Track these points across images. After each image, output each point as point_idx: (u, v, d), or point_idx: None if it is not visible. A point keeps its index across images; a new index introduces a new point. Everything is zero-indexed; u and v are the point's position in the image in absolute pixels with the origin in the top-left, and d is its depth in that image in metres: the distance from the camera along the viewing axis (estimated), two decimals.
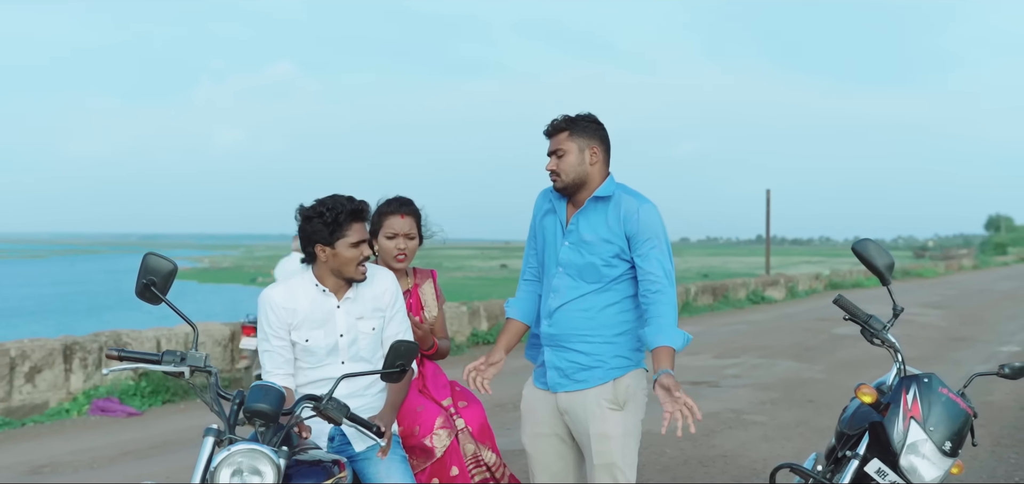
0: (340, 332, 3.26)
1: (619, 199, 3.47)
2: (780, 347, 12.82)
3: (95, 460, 6.63)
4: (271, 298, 3.26)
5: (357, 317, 3.29)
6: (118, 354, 2.85)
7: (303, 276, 3.30)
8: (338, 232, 3.17)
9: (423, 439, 3.60)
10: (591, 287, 3.46)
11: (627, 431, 3.48)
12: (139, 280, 2.90)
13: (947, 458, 3.25)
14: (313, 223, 3.18)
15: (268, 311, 3.25)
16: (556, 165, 3.47)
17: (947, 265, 43.58)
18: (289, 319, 3.24)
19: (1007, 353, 12.33)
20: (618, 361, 3.48)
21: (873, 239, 3.53)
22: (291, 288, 3.28)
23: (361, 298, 3.31)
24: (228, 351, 9.65)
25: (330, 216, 3.15)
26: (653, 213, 3.47)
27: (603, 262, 3.44)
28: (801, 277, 26.60)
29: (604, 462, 3.45)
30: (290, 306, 3.24)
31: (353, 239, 3.19)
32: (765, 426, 7.56)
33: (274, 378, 3.22)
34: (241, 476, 2.54)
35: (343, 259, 3.20)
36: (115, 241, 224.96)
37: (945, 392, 3.31)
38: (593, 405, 3.45)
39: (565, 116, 3.50)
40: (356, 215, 3.20)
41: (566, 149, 3.45)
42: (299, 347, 3.26)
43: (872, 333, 3.51)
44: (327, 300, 3.27)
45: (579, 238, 3.48)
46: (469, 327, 13.14)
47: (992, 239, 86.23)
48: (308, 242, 3.22)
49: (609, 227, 3.44)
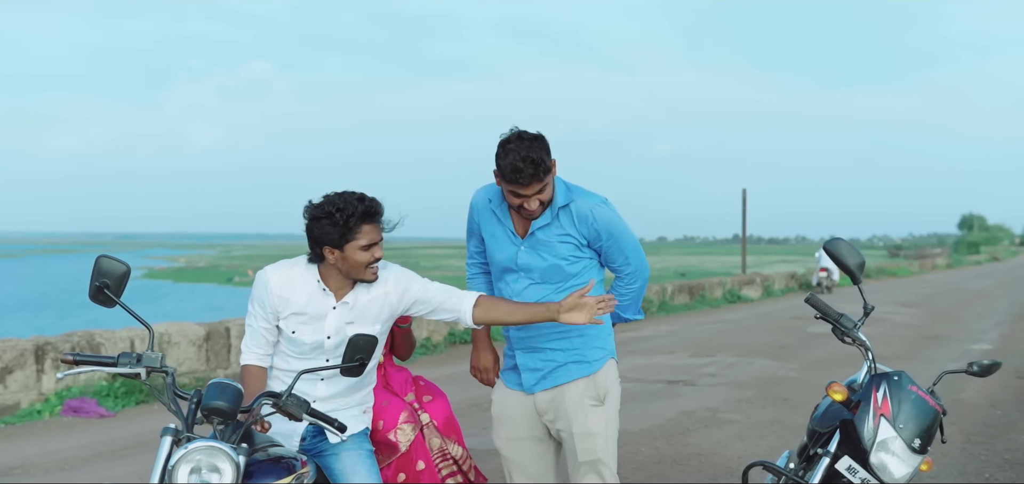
0: (328, 334, 3.18)
1: (573, 204, 3.45)
2: (756, 346, 12.88)
3: (66, 461, 6.56)
4: (268, 280, 3.14)
5: (347, 322, 3.17)
6: (72, 358, 2.81)
7: (306, 269, 3.17)
8: (348, 235, 3.02)
9: (387, 434, 3.60)
10: (555, 286, 3.46)
11: (608, 425, 3.50)
12: (92, 283, 2.84)
13: (917, 455, 3.27)
14: (321, 224, 3.03)
15: (262, 292, 3.15)
16: (540, 202, 3.35)
17: (921, 264, 44.01)
18: (281, 307, 3.14)
19: (979, 351, 12.46)
20: (595, 352, 3.49)
21: (844, 238, 3.56)
22: (291, 277, 3.15)
23: (358, 305, 3.18)
24: (203, 351, 9.59)
25: (341, 218, 2.99)
26: (605, 210, 3.47)
27: (565, 261, 3.45)
28: (777, 276, 26.76)
29: (589, 460, 3.46)
30: (285, 295, 3.14)
31: (364, 241, 3.04)
32: (740, 424, 7.59)
33: (250, 354, 3.18)
34: (199, 474, 2.52)
35: (353, 262, 3.07)
36: (90, 240, 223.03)
37: (915, 390, 3.34)
38: (574, 403, 3.46)
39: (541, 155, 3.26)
40: (368, 216, 3.04)
41: (547, 183, 3.34)
42: (285, 336, 3.18)
43: (843, 332, 3.53)
44: (325, 299, 3.16)
45: (536, 241, 3.45)
46: (446, 327, 13.12)
47: (965, 238, 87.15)
48: (316, 243, 3.08)
49: (565, 230, 3.44)
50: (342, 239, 3.03)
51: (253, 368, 3.19)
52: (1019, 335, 14.64)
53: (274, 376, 3.27)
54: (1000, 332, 15.16)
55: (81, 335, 8.67)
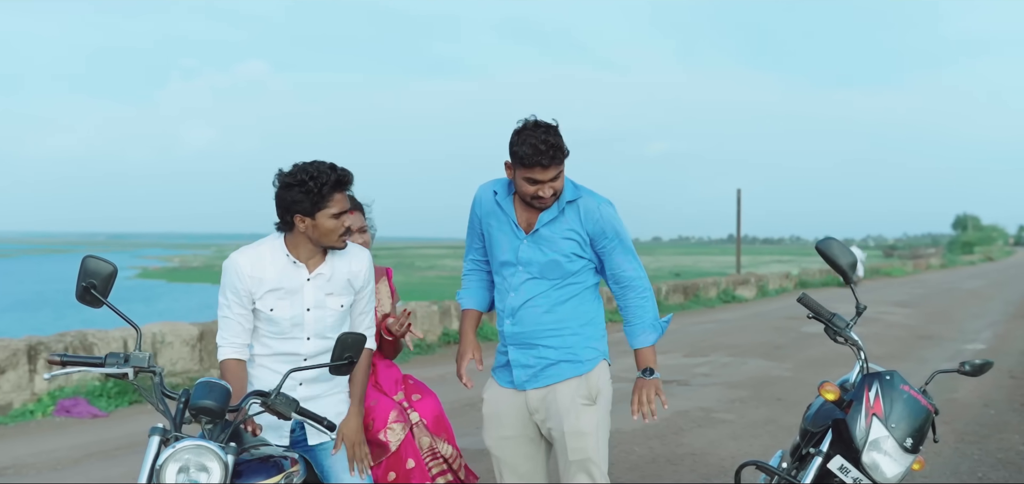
0: (307, 306, 3.16)
1: (580, 200, 3.48)
2: (750, 346, 12.90)
3: (58, 461, 6.55)
4: (237, 264, 3.13)
5: (326, 293, 3.18)
6: (60, 359, 2.80)
7: (273, 245, 3.17)
8: (321, 203, 3.05)
9: (377, 434, 3.60)
10: (552, 282, 3.47)
11: (599, 426, 3.50)
12: (79, 284, 2.83)
13: (908, 454, 3.28)
14: (293, 191, 3.04)
15: (233, 278, 3.13)
16: (553, 191, 3.36)
17: (915, 264, 44.10)
18: (255, 288, 3.12)
19: (972, 351, 12.49)
20: (588, 352, 3.49)
21: (836, 238, 3.56)
22: (259, 255, 3.15)
23: (335, 274, 3.20)
24: (197, 351, 9.58)
25: (314, 186, 3.01)
26: (611, 210, 3.51)
27: (566, 258, 3.45)
28: (771, 276, 26.80)
29: (579, 459, 3.45)
30: (257, 275, 3.12)
31: (335, 209, 3.07)
32: (734, 424, 7.60)
33: (227, 348, 3.14)
34: (188, 473, 2.51)
35: (324, 229, 3.08)
36: (83, 240, 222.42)
37: (907, 389, 3.34)
38: (566, 401, 3.45)
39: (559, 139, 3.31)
40: (339, 185, 3.08)
41: (561, 171, 3.36)
42: (263, 316, 3.16)
43: (835, 331, 3.54)
44: (297, 272, 3.15)
45: (539, 236, 3.47)
46: (440, 326, 13.11)
47: (959, 238, 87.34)
48: (286, 211, 3.09)
49: (570, 226, 3.45)
50: (314, 207, 3.05)
51: (232, 363, 3.14)
52: (1013, 335, 14.67)
53: (255, 363, 3.23)
54: (994, 332, 15.19)
55: (74, 335, 8.64)
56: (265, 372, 3.20)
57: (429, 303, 13.23)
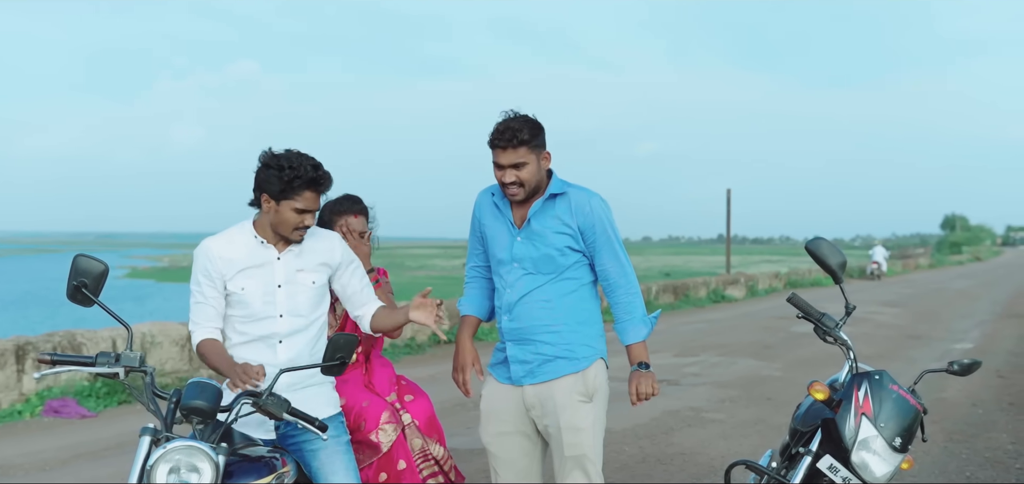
0: (278, 282, 3.17)
1: (570, 194, 3.52)
2: (739, 345, 12.92)
3: (47, 462, 6.52)
4: (209, 248, 3.15)
5: (297, 269, 3.20)
6: (50, 358, 2.79)
7: (242, 228, 3.21)
8: (289, 193, 3.07)
9: (369, 434, 3.59)
10: (548, 277, 3.49)
11: (596, 423, 3.51)
12: (70, 282, 2.82)
13: (897, 454, 3.29)
14: (269, 172, 3.07)
15: (204, 261, 3.14)
16: (517, 177, 3.42)
17: (904, 264, 44.24)
18: (226, 269, 3.14)
19: (961, 350, 12.54)
20: (585, 350, 3.50)
21: (826, 238, 3.57)
22: (230, 238, 3.19)
23: (305, 253, 3.22)
24: (186, 351, 9.55)
25: (288, 175, 3.04)
26: (602, 205, 3.54)
27: (558, 252, 3.47)
28: (761, 276, 26.86)
29: (575, 455, 3.46)
30: (228, 255, 3.15)
31: (300, 205, 3.08)
32: (724, 424, 7.61)
33: (201, 329, 3.13)
34: (178, 474, 2.50)
35: (283, 219, 3.10)
36: (72, 240, 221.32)
37: (896, 389, 3.36)
38: (563, 398, 3.46)
39: (521, 127, 3.41)
40: (313, 184, 3.09)
41: (526, 161, 3.42)
42: (235, 298, 3.15)
43: (825, 331, 3.55)
44: (266, 251, 3.18)
45: (532, 232, 3.49)
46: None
47: (948, 238, 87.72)
48: (258, 188, 3.12)
49: (561, 219, 3.48)
50: (282, 194, 3.07)
51: (208, 342, 3.14)
52: (1000, 334, 14.74)
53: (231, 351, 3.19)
54: (982, 331, 15.26)
55: (62, 335, 8.61)
56: (237, 357, 3.17)
57: None
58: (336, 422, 3.28)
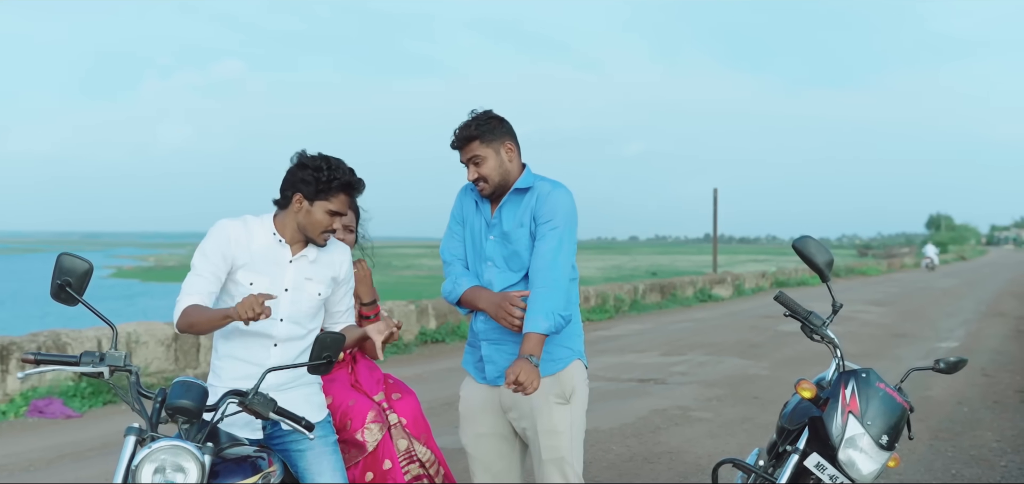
0: (286, 286, 3.14)
1: (537, 188, 3.48)
2: (726, 344, 12.95)
3: (31, 463, 6.47)
4: (226, 227, 3.11)
5: (306, 277, 3.18)
6: (34, 358, 2.75)
7: (262, 219, 3.18)
8: (326, 194, 3.08)
9: (355, 433, 3.58)
10: (518, 275, 3.45)
11: (574, 424, 3.48)
12: (53, 281, 2.79)
13: (884, 451, 3.30)
14: (306, 172, 3.07)
15: (220, 238, 3.09)
16: (478, 173, 3.43)
17: (889, 263, 44.48)
18: (239, 254, 3.10)
19: (946, 349, 12.61)
20: (561, 350, 3.47)
21: (813, 237, 3.57)
22: (247, 225, 3.15)
23: (318, 260, 3.21)
24: (172, 351, 9.50)
25: (326, 175, 3.06)
26: (565, 197, 3.43)
27: (525, 249, 3.43)
28: (748, 275, 26.95)
29: (553, 457, 3.44)
30: (243, 242, 3.11)
31: (334, 207, 3.10)
32: (710, 423, 7.62)
33: (192, 297, 3.00)
34: (164, 474, 2.48)
35: (314, 220, 3.11)
36: (58, 239, 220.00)
37: (882, 387, 3.36)
38: (539, 399, 3.43)
39: (469, 123, 3.43)
40: (348, 188, 3.12)
41: (482, 155, 3.42)
42: (241, 291, 3.10)
43: (812, 329, 3.55)
44: (282, 250, 3.16)
45: (501, 231, 3.47)
46: (417, 325, 13.08)
47: (933, 238, 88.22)
48: (290, 187, 3.12)
49: (529, 214, 3.45)
50: (317, 195, 3.09)
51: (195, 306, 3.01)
52: (986, 333, 14.83)
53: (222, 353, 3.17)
54: (967, 330, 15.35)
55: (47, 335, 8.55)
56: (231, 362, 3.14)
57: (406, 302, 13.20)
58: (323, 422, 3.26)
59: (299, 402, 3.11)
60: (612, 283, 21.86)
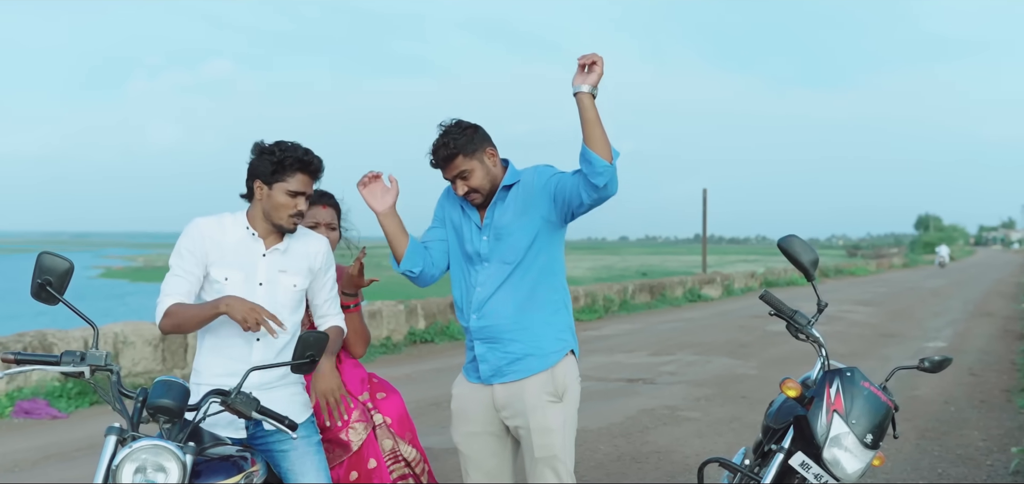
0: (260, 280, 3.13)
1: (523, 177, 3.52)
2: (715, 344, 12.97)
3: (17, 464, 6.44)
4: (199, 225, 3.13)
5: (280, 270, 3.17)
6: (14, 357, 2.74)
7: (235, 215, 3.20)
8: (280, 175, 3.08)
9: (339, 433, 3.57)
10: (511, 267, 3.46)
11: (566, 422, 3.49)
12: (34, 280, 2.77)
13: (869, 450, 3.30)
14: (261, 158, 3.10)
15: (195, 236, 3.11)
16: (467, 187, 3.44)
17: (878, 263, 44.66)
18: (211, 251, 3.11)
19: (933, 348, 12.65)
20: (554, 343, 3.48)
21: (798, 236, 3.58)
22: (221, 222, 3.17)
23: (291, 252, 3.20)
24: (160, 351, 9.47)
25: (278, 156, 3.07)
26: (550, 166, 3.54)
27: (523, 236, 3.46)
28: (737, 275, 27.00)
29: (546, 455, 3.44)
30: (217, 238, 3.12)
31: (293, 187, 3.09)
32: (699, 422, 7.64)
33: (174, 297, 3.05)
34: (144, 474, 2.46)
35: (276, 203, 3.10)
36: (46, 239, 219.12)
37: (867, 386, 3.37)
38: (532, 398, 3.44)
39: (446, 141, 3.42)
40: (303, 166, 3.11)
41: (469, 169, 3.42)
42: (217, 287, 3.11)
43: (797, 328, 3.56)
44: (255, 244, 3.16)
45: (496, 229, 3.49)
46: (406, 326, 13.06)
47: (921, 238, 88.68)
48: (251, 176, 3.14)
49: (521, 207, 3.47)
50: (273, 176, 3.09)
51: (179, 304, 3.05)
52: (973, 333, 14.89)
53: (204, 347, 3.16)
54: (955, 330, 15.41)
55: (33, 335, 8.50)
56: (213, 356, 3.13)
57: (395, 302, 13.18)
58: (307, 422, 3.25)
59: (283, 402, 3.10)
60: (602, 283, 21.87)
